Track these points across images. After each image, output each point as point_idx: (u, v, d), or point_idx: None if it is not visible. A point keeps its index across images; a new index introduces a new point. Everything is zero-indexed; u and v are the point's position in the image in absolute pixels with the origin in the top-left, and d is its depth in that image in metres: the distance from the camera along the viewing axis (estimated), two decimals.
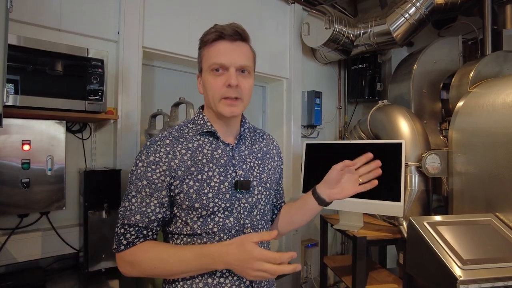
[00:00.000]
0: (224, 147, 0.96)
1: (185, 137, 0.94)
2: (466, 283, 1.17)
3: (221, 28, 0.90)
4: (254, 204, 0.96)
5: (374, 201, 1.84)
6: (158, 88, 2.21)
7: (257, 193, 0.97)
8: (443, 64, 2.36)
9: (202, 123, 0.96)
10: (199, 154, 0.92)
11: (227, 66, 0.89)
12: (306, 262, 2.81)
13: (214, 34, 0.90)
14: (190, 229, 0.89)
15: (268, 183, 1.02)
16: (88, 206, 1.50)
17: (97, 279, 1.49)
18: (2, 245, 1.46)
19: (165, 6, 1.99)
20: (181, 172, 0.88)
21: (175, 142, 0.92)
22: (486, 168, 1.58)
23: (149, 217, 0.87)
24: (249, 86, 0.94)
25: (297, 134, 2.78)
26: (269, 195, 1.02)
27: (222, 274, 0.89)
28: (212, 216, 0.89)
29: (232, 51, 0.90)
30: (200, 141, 0.94)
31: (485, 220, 1.47)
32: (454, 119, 1.78)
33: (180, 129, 0.97)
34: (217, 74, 0.90)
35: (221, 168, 0.92)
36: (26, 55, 1.31)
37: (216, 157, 0.93)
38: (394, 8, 2.34)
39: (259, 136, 1.09)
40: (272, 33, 2.62)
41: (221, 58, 0.89)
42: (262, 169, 1.01)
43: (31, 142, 1.44)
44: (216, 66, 0.89)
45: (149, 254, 0.86)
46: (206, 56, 0.92)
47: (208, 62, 0.91)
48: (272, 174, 1.06)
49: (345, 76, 3.30)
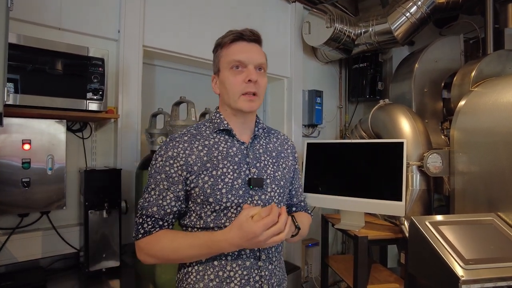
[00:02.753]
0: (239, 145, 1.00)
1: (202, 134, 0.99)
2: (468, 283, 1.16)
3: (241, 30, 0.98)
4: (267, 201, 0.99)
5: (376, 201, 1.84)
6: (159, 87, 2.20)
7: (270, 191, 1.00)
8: (444, 63, 2.36)
9: (219, 121, 1.01)
10: (215, 151, 0.96)
11: (246, 63, 0.95)
12: (307, 261, 2.81)
13: (233, 36, 0.97)
14: (203, 222, 0.94)
15: (282, 181, 1.05)
16: (89, 205, 1.49)
17: (98, 279, 1.49)
18: (3, 245, 1.46)
19: (166, 5, 1.98)
20: (197, 168, 0.93)
21: (192, 139, 0.97)
22: (488, 167, 1.58)
23: (165, 209, 0.93)
24: (265, 84, 1.00)
25: (298, 133, 2.78)
26: (282, 193, 1.05)
27: (233, 269, 0.93)
28: (225, 211, 0.93)
29: (250, 50, 0.97)
30: (216, 139, 0.99)
31: (487, 220, 1.47)
32: (455, 119, 1.78)
33: (198, 127, 1.02)
34: (237, 72, 0.96)
35: (235, 165, 0.96)
36: (26, 54, 1.31)
37: (230, 154, 0.97)
38: (395, 7, 2.33)
39: (273, 136, 1.13)
40: (273, 32, 2.61)
41: (240, 55, 0.95)
42: (276, 167, 1.05)
43: (31, 141, 1.43)
44: (236, 63, 0.95)
45: (161, 243, 0.91)
46: (224, 55, 0.98)
47: (227, 60, 0.97)
48: (287, 173, 1.09)
49: (346, 75, 3.29)
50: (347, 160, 2.04)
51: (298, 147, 2.72)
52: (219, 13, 2.23)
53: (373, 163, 1.94)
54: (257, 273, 0.96)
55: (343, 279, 1.99)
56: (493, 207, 1.54)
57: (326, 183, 2.06)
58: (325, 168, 2.12)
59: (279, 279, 1.02)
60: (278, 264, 1.03)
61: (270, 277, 0.98)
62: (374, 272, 1.99)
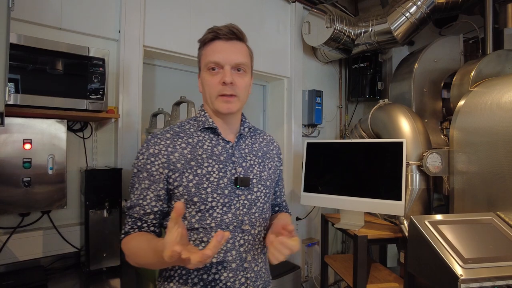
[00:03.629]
0: (224, 144, 0.98)
1: (186, 132, 0.96)
2: (467, 282, 1.17)
3: (217, 28, 0.94)
4: (253, 201, 0.97)
5: (375, 200, 1.84)
6: (159, 87, 2.20)
7: (256, 191, 0.98)
8: (444, 63, 2.36)
9: (204, 119, 0.99)
10: (199, 149, 0.94)
11: (222, 64, 0.92)
12: (307, 261, 2.82)
13: (211, 35, 0.94)
14: (187, 223, 0.90)
15: (268, 181, 1.03)
16: (89, 205, 1.50)
17: (98, 278, 1.49)
18: (4, 244, 1.46)
19: (166, 5, 1.99)
20: (181, 165, 0.90)
21: (175, 137, 0.94)
22: (487, 167, 1.58)
23: (144, 209, 0.90)
24: (245, 84, 0.96)
25: (298, 133, 2.78)
26: (268, 194, 1.04)
27: (218, 271, 0.90)
28: (210, 211, 0.90)
29: (226, 49, 0.93)
30: (201, 137, 0.96)
31: (486, 219, 1.47)
32: (455, 118, 1.78)
33: (182, 125, 0.99)
34: (213, 73, 0.93)
35: (220, 164, 0.94)
36: (26, 54, 1.31)
37: (215, 153, 0.95)
38: (395, 7, 2.34)
39: (259, 136, 1.11)
40: (273, 32, 2.61)
41: (216, 56, 0.92)
42: (262, 167, 1.03)
43: (32, 141, 1.44)
44: (212, 65, 0.92)
45: (130, 244, 0.89)
46: (203, 55, 0.96)
47: (204, 61, 0.95)
48: (272, 173, 1.07)
49: (346, 75, 3.29)
50: (347, 160, 2.04)
51: (298, 147, 2.74)
52: (219, 13, 2.23)
53: (373, 162, 1.94)
54: (243, 275, 0.93)
55: (343, 278, 1.99)
56: (492, 206, 1.54)
57: (326, 183, 2.07)
58: (325, 168, 2.12)
59: (264, 281, 1.01)
60: (263, 266, 1.01)
61: (256, 279, 0.96)
62: (373, 272, 2.00)
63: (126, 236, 0.91)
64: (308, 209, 2.85)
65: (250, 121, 1.09)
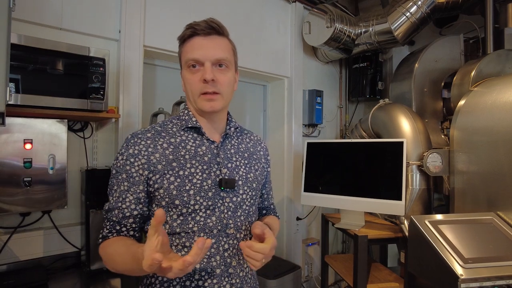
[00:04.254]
0: (209, 144, 0.93)
1: (168, 131, 0.92)
2: (468, 282, 1.17)
3: (195, 24, 0.89)
4: (239, 204, 0.93)
5: (376, 200, 1.84)
6: (160, 87, 2.21)
7: (242, 193, 0.94)
8: (444, 63, 2.36)
9: (187, 118, 0.95)
10: (182, 149, 0.89)
11: (202, 61, 0.88)
12: (307, 261, 2.82)
13: (189, 31, 0.90)
14: (169, 227, 0.86)
15: (254, 183, 0.99)
16: (90, 205, 1.50)
17: (99, 278, 1.49)
18: (4, 244, 1.46)
19: (166, 5, 1.99)
20: (162, 166, 0.86)
21: (156, 136, 0.90)
22: (487, 166, 1.58)
23: (123, 213, 0.86)
24: (228, 80, 0.92)
25: (298, 133, 2.78)
26: (254, 196, 0.99)
27: (201, 277, 0.86)
28: (193, 214, 0.86)
29: (206, 46, 0.88)
30: (184, 136, 0.92)
31: (486, 219, 1.47)
32: (455, 118, 1.78)
33: (164, 124, 0.95)
34: (194, 71, 0.89)
35: (204, 165, 0.90)
36: (27, 54, 1.31)
37: (199, 153, 0.91)
38: (395, 6, 2.33)
39: (246, 136, 1.07)
40: (273, 32, 2.61)
41: (195, 53, 0.88)
42: (248, 169, 0.99)
43: (33, 141, 1.44)
44: (192, 62, 0.88)
45: (107, 250, 0.84)
46: (183, 53, 0.92)
47: (184, 59, 0.91)
48: (259, 175, 1.03)
49: (346, 75, 3.29)
50: (347, 159, 2.04)
51: (298, 146, 2.74)
52: (219, 13, 2.23)
53: (373, 162, 1.94)
54: (227, 281, 0.89)
55: (343, 278, 1.99)
56: (492, 206, 1.54)
57: (326, 183, 2.07)
58: (325, 168, 2.12)
59: (250, 287, 0.97)
60: (249, 271, 0.97)
61: (241, 285, 0.92)
62: (374, 271, 2.00)
63: (104, 241, 0.86)
64: (308, 209, 2.85)
65: (237, 121, 1.06)
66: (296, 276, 2.25)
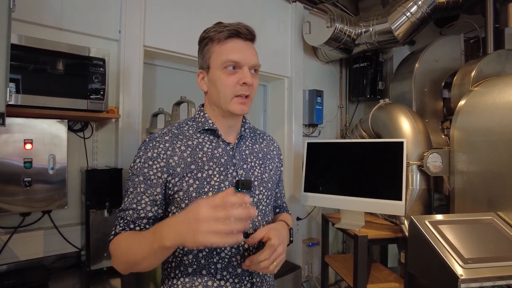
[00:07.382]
0: (225, 146, 0.95)
1: (184, 134, 0.93)
2: (468, 282, 1.17)
3: (236, 26, 0.90)
4: (256, 204, 0.95)
5: (376, 200, 1.84)
6: (160, 87, 2.21)
7: (258, 193, 0.96)
8: (444, 63, 2.36)
9: (203, 120, 0.95)
10: (199, 152, 0.90)
11: (241, 64, 0.89)
12: (308, 261, 2.82)
13: (228, 32, 0.89)
14: None
15: (269, 183, 1.01)
16: (90, 205, 1.50)
17: (99, 278, 1.50)
18: (5, 244, 1.47)
19: (166, 5, 1.99)
20: (181, 169, 0.87)
21: (174, 139, 0.90)
22: (487, 167, 1.58)
23: (138, 213, 0.86)
24: (257, 85, 0.95)
25: (299, 133, 2.78)
26: (270, 196, 1.01)
27: (223, 277, 0.87)
28: None
29: (246, 50, 0.91)
30: (200, 139, 0.93)
31: (486, 219, 1.47)
32: (455, 118, 1.78)
33: (180, 126, 0.95)
34: (231, 72, 0.89)
35: (221, 167, 0.91)
36: (27, 54, 1.31)
37: (216, 156, 0.92)
38: (395, 6, 2.33)
39: (259, 136, 1.08)
40: (273, 31, 2.61)
41: (236, 55, 0.88)
42: (263, 169, 1.00)
43: (33, 141, 1.44)
44: (231, 64, 0.88)
45: (121, 242, 0.84)
46: (217, 53, 0.90)
47: (220, 59, 0.89)
48: (273, 174, 1.05)
49: (346, 75, 3.29)
50: (347, 159, 2.04)
51: (298, 146, 2.74)
52: (219, 13, 2.23)
53: (373, 162, 1.94)
54: (248, 280, 0.91)
55: (343, 278, 1.99)
56: (492, 206, 1.54)
57: (326, 183, 2.06)
58: (326, 168, 2.12)
59: (269, 285, 0.99)
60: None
61: (261, 284, 0.94)
62: (374, 271, 2.00)
63: (116, 236, 0.86)
64: (308, 209, 2.85)
65: (250, 122, 1.08)
66: (296, 276, 2.25)
